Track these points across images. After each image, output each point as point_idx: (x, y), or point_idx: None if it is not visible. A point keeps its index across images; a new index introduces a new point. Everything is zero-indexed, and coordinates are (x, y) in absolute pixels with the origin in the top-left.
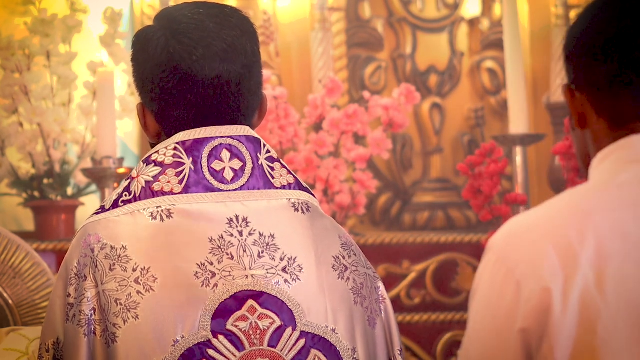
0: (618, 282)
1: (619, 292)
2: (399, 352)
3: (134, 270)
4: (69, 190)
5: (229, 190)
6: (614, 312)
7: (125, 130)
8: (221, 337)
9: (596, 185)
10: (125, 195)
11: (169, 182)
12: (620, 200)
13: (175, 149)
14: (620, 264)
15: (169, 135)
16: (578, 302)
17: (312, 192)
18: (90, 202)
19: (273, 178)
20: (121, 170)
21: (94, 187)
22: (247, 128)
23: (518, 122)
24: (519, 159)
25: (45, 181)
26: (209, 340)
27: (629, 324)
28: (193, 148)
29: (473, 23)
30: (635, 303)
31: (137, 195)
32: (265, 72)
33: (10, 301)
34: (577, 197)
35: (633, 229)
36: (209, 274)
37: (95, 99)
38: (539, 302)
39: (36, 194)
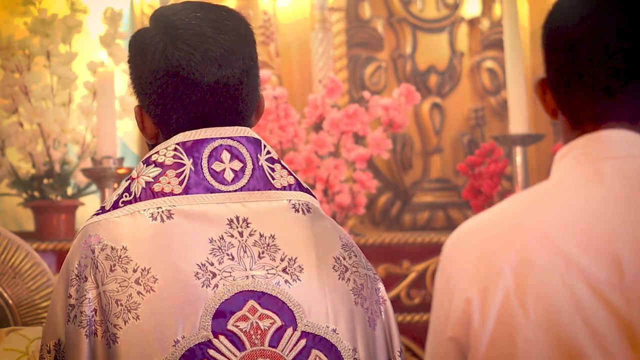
0: (539, 292)
1: (539, 302)
2: (398, 354)
3: (135, 271)
4: (69, 190)
5: (229, 191)
6: (533, 323)
7: (125, 130)
8: (222, 337)
9: (544, 187)
10: (126, 196)
11: (169, 182)
12: (554, 206)
13: (175, 149)
14: (542, 274)
15: (167, 138)
16: (497, 312)
17: (313, 193)
18: (90, 202)
19: (273, 179)
20: (121, 170)
21: (94, 187)
22: (247, 129)
23: (518, 122)
24: (519, 159)
25: (45, 181)
26: (210, 341)
27: (548, 335)
28: (193, 149)
29: (473, 23)
30: (555, 314)
31: (138, 196)
32: (265, 72)
33: (10, 301)
34: (517, 202)
35: (559, 237)
36: (209, 275)
37: (95, 99)
38: (463, 312)
39: (36, 194)
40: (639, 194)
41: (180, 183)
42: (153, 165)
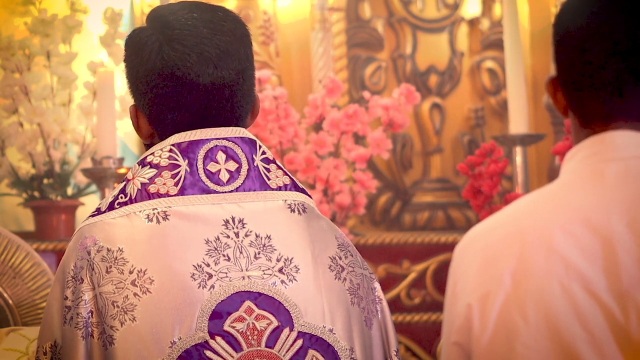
0: (538, 298)
1: (538, 308)
2: (395, 353)
3: (131, 272)
4: (69, 190)
5: (225, 192)
6: (533, 329)
7: (125, 130)
8: (218, 338)
9: (548, 189)
10: (121, 198)
11: (164, 184)
12: (555, 209)
13: (170, 150)
14: (541, 280)
15: (162, 138)
16: (496, 318)
17: (309, 193)
18: (90, 202)
19: (269, 179)
20: (121, 170)
21: (94, 187)
22: (243, 129)
23: (518, 122)
24: (519, 159)
25: (45, 181)
26: (206, 342)
27: (548, 340)
28: (188, 150)
29: (473, 23)
30: (554, 319)
31: (133, 197)
32: (265, 72)
33: (10, 301)
34: (521, 205)
35: (558, 240)
36: (205, 276)
37: (95, 99)
38: (465, 318)
39: (36, 194)
40: None
41: (176, 184)
42: (148, 166)
